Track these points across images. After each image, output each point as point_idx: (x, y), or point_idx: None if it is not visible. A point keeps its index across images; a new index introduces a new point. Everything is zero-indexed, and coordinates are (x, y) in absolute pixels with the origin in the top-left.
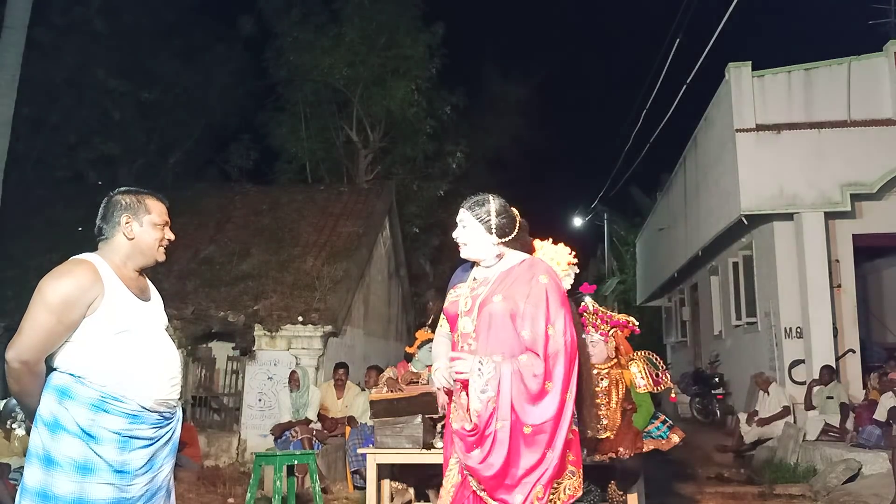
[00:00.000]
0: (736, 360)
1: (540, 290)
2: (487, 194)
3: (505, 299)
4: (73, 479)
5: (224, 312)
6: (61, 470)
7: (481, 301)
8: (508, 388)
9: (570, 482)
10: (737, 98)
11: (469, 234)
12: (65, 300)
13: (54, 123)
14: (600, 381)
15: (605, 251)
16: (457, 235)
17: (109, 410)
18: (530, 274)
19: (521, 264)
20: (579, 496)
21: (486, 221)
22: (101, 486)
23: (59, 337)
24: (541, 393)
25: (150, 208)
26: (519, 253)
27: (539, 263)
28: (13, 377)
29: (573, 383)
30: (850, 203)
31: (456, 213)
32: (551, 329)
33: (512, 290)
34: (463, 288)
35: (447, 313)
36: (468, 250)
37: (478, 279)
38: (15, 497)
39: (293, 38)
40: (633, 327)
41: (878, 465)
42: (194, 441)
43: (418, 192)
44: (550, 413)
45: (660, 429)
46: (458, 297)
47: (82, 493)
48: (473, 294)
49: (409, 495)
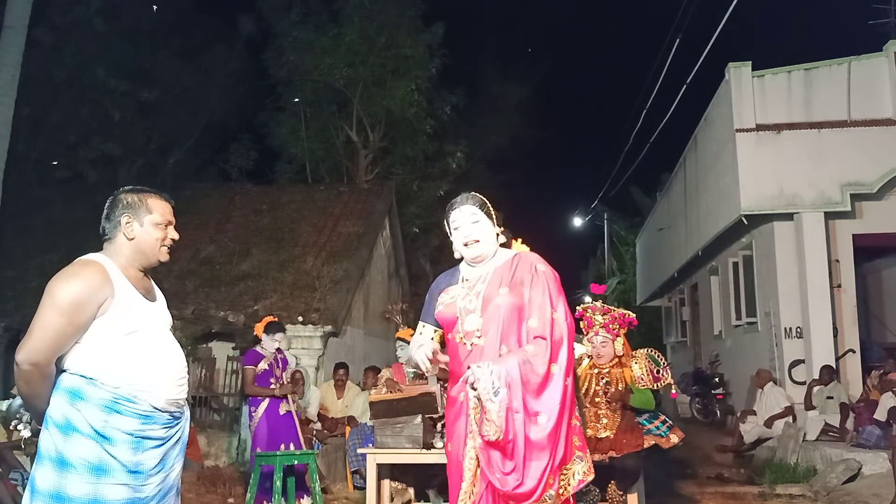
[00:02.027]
0: (736, 360)
1: (541, 279)
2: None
3: (511, 292)
4: (87, 480)
5: (224, 312)
6: (75, 471)
7: (484, 296)
8: (518, 378)
9: (580, 467)
10: (737, 98)
11: (482, 229)
12: (75, 302)
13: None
14: (601, 379)
15: (605, 251)
16: (470, 233)
17: (122, 411)
18: (528, 264)
19: (514, 258)
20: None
21: (489, 213)
22: (116, 486)
23: (69, 339)
24: (548, 376)
25: (152, 208)
26: (502, 248)
27: (530, 255)
28: (23, 379)
29: (572, 367)
30: (850, 203)
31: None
32: (556, 314)
33: (515, 281)
34: (455, 289)
35: (442, 317)
36: (483, 246)
37: (470, 279)
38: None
39: (293, 38)
40: (632, 319)
41: (878, 465)
42: (194, 441)
43: (418, 192)
44: (558, 397)
45: (659, 428)
46: (454, 299)
47: (97, 495)
48: (474, 292)
49: (408, 495)
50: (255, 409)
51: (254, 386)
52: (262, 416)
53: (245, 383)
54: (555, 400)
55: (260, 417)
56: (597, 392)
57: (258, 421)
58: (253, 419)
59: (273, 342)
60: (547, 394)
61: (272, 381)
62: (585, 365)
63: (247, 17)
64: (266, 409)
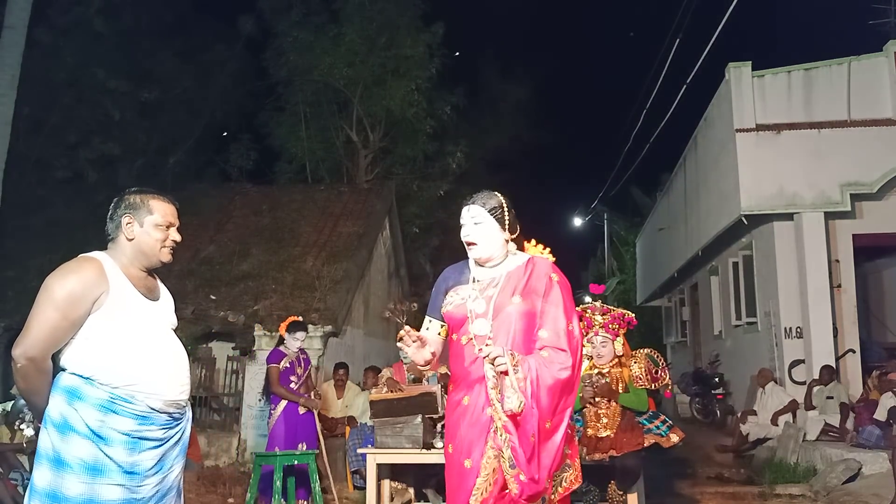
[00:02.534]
0: (736, 360)
1: (556, 289)
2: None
3: (524, 300)
4: (83, 479)
5: (224, 312)
6: (71, 471)
7: (496, 302)
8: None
9: (567, 475)
10: (737, 98)
11: (484, 232)
12: (69, 296)
13: (54, 123)
14: (601, 379)
15: (605, 251)
16: (469, 233)
17: (118, 411)
18: (542, 271)
19: (527, 263)
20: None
21: (500, 217)
22: (112, 486)
23: (64, 333)
24: (569, 385)
25: (154, 209)
26: (518, 252)
27: (545, 262)
28: (20, 375)
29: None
30: (850, 203)
31: (456, 213)
32: (571, 326)
33: (529, 289)
34: (464, 290)
35: (450, 317)
36: (481, 249)
37: (481, 280)
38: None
39: (293, 38)
40: (632, 319)
41: (878, 465)
42: (194, 441)
43: (418, 192)
44: (570, 405)
45: (659, 428)
46: (464, 300)
47: (92, 494)
48: (485, 295)
49: (408, 495)
50: (274, 407)
51: (279, 386)
52: (281, 415)
53: (271, 382)
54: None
55: (278, 416)
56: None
57: (276, 420)
58: (272, 417)
59: (295, 341)
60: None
61: (293, 378)
62: (586, 365)
63: (247, 17)
64: (284, 409)
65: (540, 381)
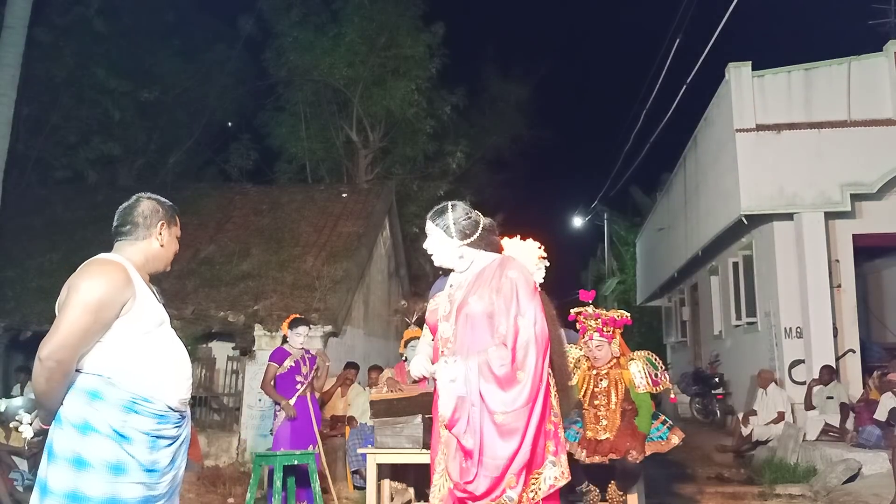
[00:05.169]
0: (736, 360)
1: (509, 285)
2: (450, 202)
3: (480, 299)
4: (106, 479)
5: (224, 312)
6: (94, 471)
7: (458, 304)
8: (476, 377)
9: (551, 472)
10: (737, 98)
11: (433, 243)
12: (101, 299)
13: (54, 123)
14: (600, 381)
15: (605, 251)
16: (426, 246)
17: (140, 411)
18: (500, 271)
19: (491, 264)
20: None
21: (445, 227)
22: (133, 485)
23: (93, 336)
24: (511, 380)
25: (177, 222)
26: (490, 254)
27: (509, 260)
28: (44, 376)
29: (546, 373)
30: (850, 203)
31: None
32: (521, 320)
33: (484, 289)
34: (441, 296)
35: (428, 322)
36: (437, 258)
37: (454, 285)
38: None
39: (293, 38)
40: (626, 319)
41: (878, 465)
42: (194, 441)
43: (418, 192)
44: (521, 401)
45: (659, 429)
46: (437, 306)
47: (115, 494)
48: (451, 299)
49: (408, 495)
50: (279, 408)
51: (269, 385)
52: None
53: (263, 380)
54: (516, 402)
55: (284, 419)
56: (595, 394)
57: (282, 421)
58: (277, 418)
59: (298, 336)
60: (508, 396)
61: (298, 378)
62: (584, 367)
63: (247, 17)
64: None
65: (481, 379)
